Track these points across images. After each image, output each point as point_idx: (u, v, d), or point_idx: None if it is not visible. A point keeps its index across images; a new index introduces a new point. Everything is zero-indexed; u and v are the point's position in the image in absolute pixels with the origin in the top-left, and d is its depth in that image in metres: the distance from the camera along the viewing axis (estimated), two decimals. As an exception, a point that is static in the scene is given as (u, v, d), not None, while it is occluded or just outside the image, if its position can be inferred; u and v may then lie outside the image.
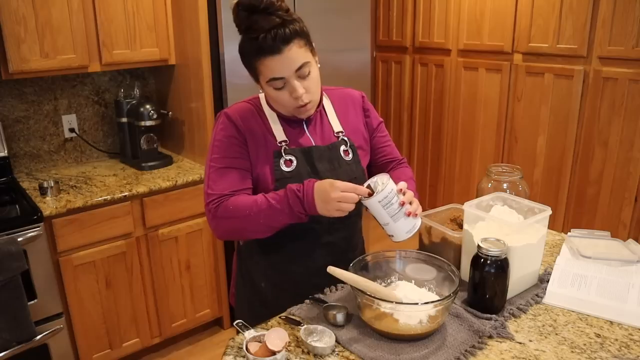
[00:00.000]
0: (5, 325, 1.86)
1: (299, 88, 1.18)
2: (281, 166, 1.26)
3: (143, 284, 2.36)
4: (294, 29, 1.14)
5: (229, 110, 1.30)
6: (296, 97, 1.19)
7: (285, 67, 1.15)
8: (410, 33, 3.50)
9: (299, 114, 1.25)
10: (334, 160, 1.30)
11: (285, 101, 1.21)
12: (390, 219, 1.15)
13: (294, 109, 1.23)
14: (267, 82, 1.19)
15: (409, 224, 1.17)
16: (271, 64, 1.15)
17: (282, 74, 1.16)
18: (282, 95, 1.20)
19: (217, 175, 1.25)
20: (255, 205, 1.19)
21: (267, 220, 1.19)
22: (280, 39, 1.12)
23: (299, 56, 1.16)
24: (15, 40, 2.05)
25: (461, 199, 1.96)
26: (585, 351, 1.07)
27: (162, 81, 2.76)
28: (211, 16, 2.29)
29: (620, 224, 2.54)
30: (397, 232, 1.17)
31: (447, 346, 1.08)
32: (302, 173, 1.26)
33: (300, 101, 1.20)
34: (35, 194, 2.16)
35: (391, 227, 1.16)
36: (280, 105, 1.25)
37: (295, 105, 1.21)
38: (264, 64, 1.15)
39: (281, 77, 1.16)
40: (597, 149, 2.58)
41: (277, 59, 1.14)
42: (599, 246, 1.47)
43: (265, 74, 1.17)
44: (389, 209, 1.14)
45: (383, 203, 1.13)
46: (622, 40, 2.39)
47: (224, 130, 1.27)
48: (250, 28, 1.14)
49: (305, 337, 1.08)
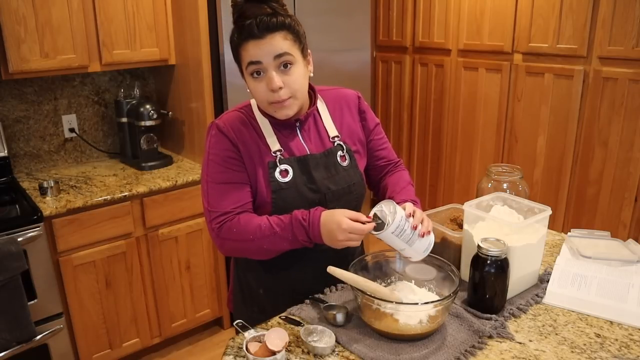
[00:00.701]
0: (5, 325, 1.86)
1: (275, 79, 1.13)
2: (277, 177, 1.23)
3: (143, 284, 2.36)
4: (282, 21, 1.13)
5: (219, 121, 1.25)
6: (271, 88, 1.14)
7: (264, 52, 1.12)
8: (410, 33, 3.50)
9: (275, 112, 1.19)
10: (331, 167, 1.28)
11: (261, 94, 1.17)
12: (406, 244, 1.13)
13: (270, 105, 1.18)
14: (246, 69, 1.16)
15: (424, 243, 1.16)
16: (251, 48, 1.13)
17: (259, 57, 1.13)
18: (259, 87, 1.16)
19: (216, 192, 1.22)
20: (259, 230, 1.17)
21: (271, 246, 1.18)
22: (264, 25, 1.11)
23: (281, 45, 1.13)
24: (15, 40, 2.05)
25: (461, 199, 1.96)
26: (585, 351, 1.07)
27: (162, 81, 2.76)
28: (211, 16, 2.29)
29: (620, 224, 2.54)
30: (415, 254, 1.16)
31: (447, 346, 1.08)
32: (298, 183, 1.24)
33: (276, 95, 1.15)
34: (35, 194, 2.16)
35: (408, 251, 1.15)
36: (258, 100, 1.20)
37: (271, 99, 1.16)
38: (245, 49, 1.14)
39: (258, 61, 1.13)
40: (597, 149, 2.58)
41: (257, 42, 1.12)
42: (599, 246, 1.47)
43: (245, 58, 1.15)
44: (402, 236, 1.12)
45: (396, 233, 1.11)
46: (622, 40, 2.39)
47: (217, 144, 1.23)
48: (241, 15, 1.13)
49: (305, 337, 1.08)
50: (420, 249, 1.15)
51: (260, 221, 1.18)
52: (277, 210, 1.22)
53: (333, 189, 1.27)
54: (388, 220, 1.11)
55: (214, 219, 1.21)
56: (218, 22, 2.29)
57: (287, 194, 1.23)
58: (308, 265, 1.31)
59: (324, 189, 1.26)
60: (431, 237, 1.18)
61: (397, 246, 1.14)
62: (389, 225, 1.09)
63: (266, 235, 1.16)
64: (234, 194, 1.22)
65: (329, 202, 1.26)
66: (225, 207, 1.21)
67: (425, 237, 1.15)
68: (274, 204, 1.23)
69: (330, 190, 1.26)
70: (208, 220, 1.23)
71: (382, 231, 1.10)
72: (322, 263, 1.15)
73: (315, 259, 1.29)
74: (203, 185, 1.25)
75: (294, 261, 1.31)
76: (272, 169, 1.23)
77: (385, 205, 1.14)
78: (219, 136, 1.23)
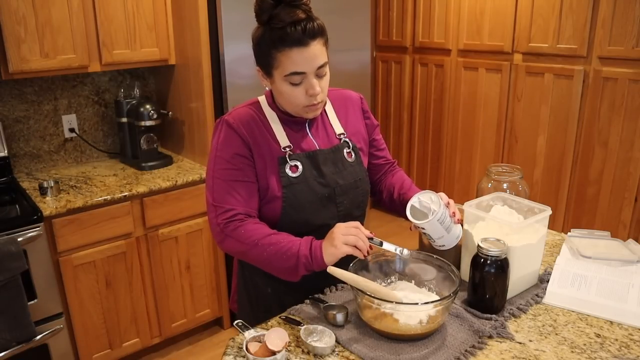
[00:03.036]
0: (5, 325, 1.86)
1: (316, 86, 1.17)
2: (287, 172, 1.24)
3: (143, 284, 2.36)
4: (320, 25, 1.15)
5: (229, 117, 1.26)
6: (312, 94, 1.17)
7: (309, 62, 1.14)
8: (410, 33, 3.50)
9: (307, 113, 1.23)
10: (338, 163, 1.30)
11: (299, 99, 1.19)
12: (445, 231, 1.19)
13: (304, 108, 1.21)
14: (285, 76, 1.16)
15: (458, 229, 1.24)
16: (296, 57, 1.13)
17: (304, 68, 1.14)
18: (297, 92, 1.18)
19: (222, 188, 1.22)
20: (265, 237, 1.17)
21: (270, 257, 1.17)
22: (309, 32, 1.12)
23: (322, 54, 1.16)
24: (15, 40, 2.05)
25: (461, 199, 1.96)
26: (585, 351, 1.07)
27: (162, 81, 2.76)
28: (211, 16, 2.29)
29: (620, 224, 2.54)
30: (450, 241, 1.23)
31: (447, 346, 1.08)
32: (308, 177, 1.25)
33: (314, 99, 1.18)
34: (35, 194, 2.16)
35: (445, 238, 1.21)
36: (290, 103, 1.21)
37: (308, 103, 1.19)
38: (288, 56, 1.13)
39: (302, 72, 1.15)
40: (597, 149, 2.58)
41: (303, 51, 1.13)
42: (599, 246, 1.47)
43: (286, 66, 1.15)
44: (445, 223, 1.18)
45: (441, 220, 1.17)
46: (622, 40, 2.39)
47: (226, 140, 1.23)
48: (275, 18, 1.12)
49: (305, 337, 1.08)
50: (454, 235, 1.23)
51: (270, 231, 1.19)
52: (287, 205, 1.24)
53: (341, 183, 1.29)
54: (433, 208, 1.17)
55: (220, 214, 1.21)
56: (218, 22, 2.29)
57: (298, 189, 1.24)
58: None
59: (333, 184, 1.28)
60: (461, 225, 1.25)
61: (437, 234, 1.20)
62: (435, 213, 1.15)
63: (272, 242, 1.17)
64: (240, 192, 1.22)
65: (337, 197, 1.28)
66: (232, 204, 1.21)
67: (458, 224, 1.24)
68: (285, 199, 1.24)
69: (338, 184, 1.28)
70: (213, 215, 1.22)
71: (429, 219, 1.16)
72: None
73: None
74: (208, 181, 1.25)
75: None
76: (282, 165, 1.24)
77: (426, 195, 1.21)
78: (229, 132, 1.24)
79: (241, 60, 2.33)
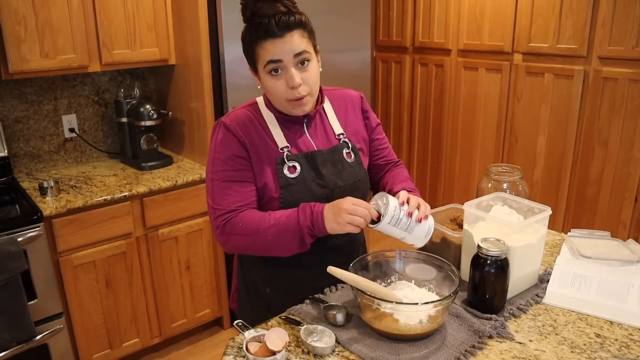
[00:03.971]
0: (5, 325, 1.86)
1: (295, 76, 1.16)
2: (285, 173, 1.24)
3: (143, 284, 2.36)
4: (298, 19, 1.15)
5: (226, 119, 1.26)
6: (292, 86, 1.16)
7: (284, 51, 1.14)
8: (410, 33, 3.50)
9: (293, 109, 1.22)
10: (337, 163, 1.30)
11: (281, 92, 1.18)
12: (405, 232, 1.16)
13: (289, 102, 1.20)
14: (264, 68, 1.17)
15: (423, 228, 1.19)
16: (270, 47, 1.14)
17: (280, 56, 1.14)
18: (277, 84, 1.18)
19: (221, 190, 1.23)
20: (264, 220, 1.18)
21: (275, 239, 1.18)
22: (283, 24, 1.13)
23: (300, 43, 1.15)
24: (15, 40, 2.05)
25: (461, 199, 1.96)
26: (585, 351, 1.07)
27: (162, 81, 2.76)
28: (211, 16, 2.29)
29: (620, 224, 2.54)
30: (416, 240, 1.19)
31: (447, 346, 1.08)
32: (306, 178, 1.25)
33: (296, 92, 1.17)
34: (35, 194, 2.16)
35: (408, 238, 1.18)
36: (275, 98, 1.22)
37: (291, 97, 1.18)
38: (264, 47, 1.15)
39: (279, 60, 1.15)
40: (597, 149, 2.58)
41: (277, 41, 1.14)
42: (599, 246, 1.47)
43: (263, 57, 1.16)
44: (400, 225, 1.15)
45: (392, 223, 1.14)
46: (622, 40, 2.39)
47: (223, 142, 1.24)
48: (255, 14, 1.14)
49: (305, 337, 1.08)
50: (420, 234, 1.18)
51: (265, 214, 1.20)
52: (285, 206, 1.23)
53: (340, 184, 1.28)
54: (382, 211, 1.13)
55: (218, 216, 1.22)
56: (218, 22, 2.29)
57: (296, 190, 1.24)
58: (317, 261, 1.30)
59: (332, 185, 1.27)
60: (430, 221, 1.20)
61: (397, 236, 1.16)
62: (383, 216, 1.12)
63: (272, 224, 1.17)
64: (239, 192, 1.23)
65: (336, 198, 1.27)
66: (230, 205, 1.21)
67: (424, 222, 1.18)
68: (282, 200, 1.24)
69: (337, 185, 1.28)
70: (212, 217, 1.24)
71: (378, 223, 1.13)
72: (328, 262, 1.15)
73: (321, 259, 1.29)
74: (208, 183, 1.26)
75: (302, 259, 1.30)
76: (280, 165, 1.24)
77: (377, 199, 1.17)
78: (226, 134, 1.24)
79: (241, 60, 2.28)
